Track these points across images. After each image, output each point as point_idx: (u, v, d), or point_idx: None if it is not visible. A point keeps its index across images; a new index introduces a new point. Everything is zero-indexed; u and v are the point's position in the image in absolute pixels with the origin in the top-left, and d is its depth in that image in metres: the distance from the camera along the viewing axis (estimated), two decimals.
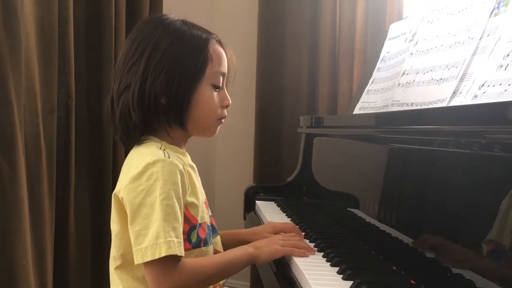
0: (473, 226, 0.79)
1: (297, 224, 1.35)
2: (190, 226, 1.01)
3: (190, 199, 1.01)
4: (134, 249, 0.92)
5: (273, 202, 1.75)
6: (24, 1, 1.56)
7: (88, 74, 1.92)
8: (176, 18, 1.05)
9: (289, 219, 1.46)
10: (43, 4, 1.66)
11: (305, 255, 1.04)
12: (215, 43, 1.05)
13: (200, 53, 1.02)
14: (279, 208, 1.65)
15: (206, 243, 1.04)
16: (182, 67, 1.00)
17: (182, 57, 1.00)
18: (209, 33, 1.06)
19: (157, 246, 0.90)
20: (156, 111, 1.00)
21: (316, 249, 1.10)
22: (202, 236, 1.03)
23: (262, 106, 2.47)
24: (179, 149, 1.05)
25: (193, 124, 1.03)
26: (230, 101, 1.07)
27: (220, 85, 1.05)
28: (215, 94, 1.04)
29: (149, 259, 0.90)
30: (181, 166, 0.98)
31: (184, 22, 1.05)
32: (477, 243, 0.76)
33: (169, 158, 0.96)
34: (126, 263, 0.99)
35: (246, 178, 2.45)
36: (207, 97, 1.03)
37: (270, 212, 1.59)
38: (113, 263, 1.02)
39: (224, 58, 1.06)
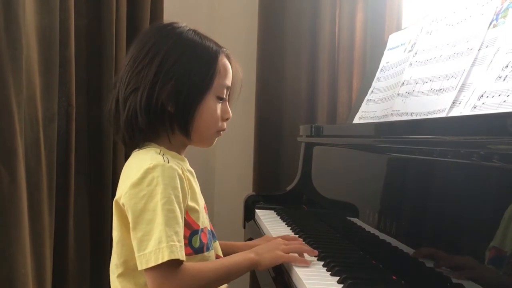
0: (473, 236, 0.79)
1: (296, 233, 1.35)
2: (191, 231, 1.01)
3: (190, 203, 1.01)
4: (137, 255, 0.93)
5: (273, 211, 1.75)
6: (25, 10, 1.57)
7: (89, 83, 1.92)
8: (188, 28, 1.06)
9: (289, 228, 1.46)
10: (44, 14, 1.67)
11: (306, 264, 1.05)
12: (224, 57, 1.07)
13: (210, 65, 1.04)
14: (279, 217, 1.65)
15: (208, 248, 1.05)
16: (192, 77, 1.01)
17: (193, 67, 1.02)
18: (219, 46, 1.08)
19: (159, 251, 0.90)
20: (162, 117, 1.01)
21: (316, 257, 1.10)
22: (204, 241, 1.04)
23: (261, 115, 2.47)
24: (177, 155, 1.06)
25: (195, 133, 1.04)
26: (231, 115, 1.09)
27: (224, 97, 1.07)
28: (218, 106, 1.06)
29: (152, 264, 0.90)
30: (180, 171, 0.99)
31: (196, 32, 1.06)
32: (478, 253, 0.76)
33: (168, 162, 0.97)
34: (128, 270, 1.00)
35: (245, 187, 2.44)
36: (211, 108, 1.04)
37: (269, 221, 1.59)
38: (114, 270, 1.02)
39: (230, 72, 1.08)
